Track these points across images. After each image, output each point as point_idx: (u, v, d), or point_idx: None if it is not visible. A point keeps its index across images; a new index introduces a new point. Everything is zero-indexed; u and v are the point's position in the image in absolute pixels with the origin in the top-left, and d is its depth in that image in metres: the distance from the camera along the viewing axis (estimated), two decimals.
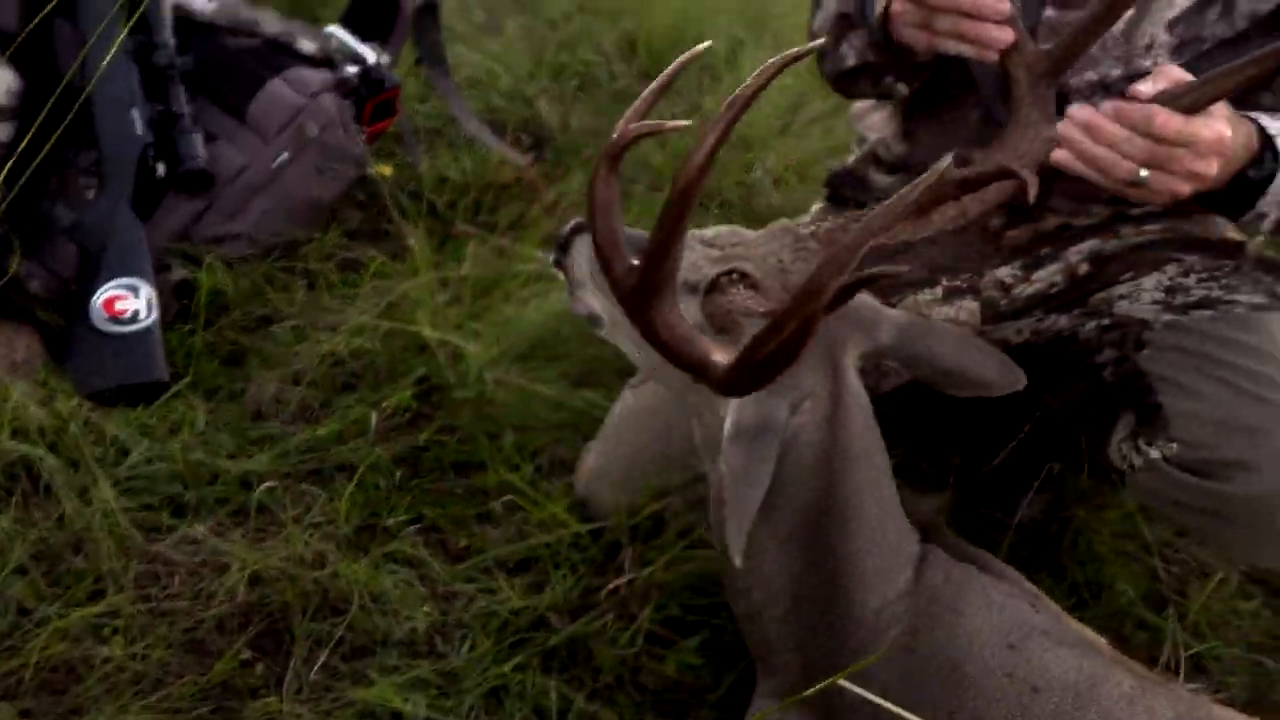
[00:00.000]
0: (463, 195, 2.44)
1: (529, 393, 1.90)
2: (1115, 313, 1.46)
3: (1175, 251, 1.45)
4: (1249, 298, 1.39)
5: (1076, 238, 1.50)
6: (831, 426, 1.21)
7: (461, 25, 3.04)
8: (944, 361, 1.27)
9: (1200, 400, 1.36)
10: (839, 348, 1.23)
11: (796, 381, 1.19)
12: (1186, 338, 1.39)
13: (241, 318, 2.06)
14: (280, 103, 2.17)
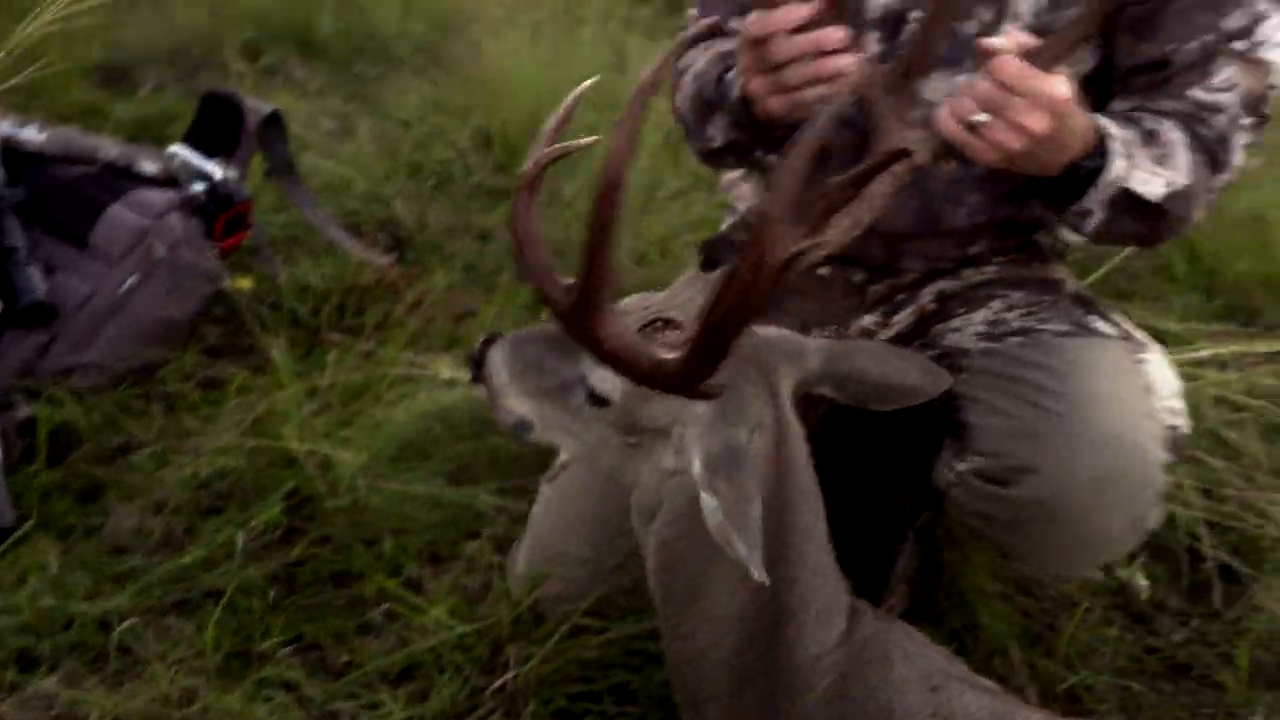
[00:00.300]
0: (325, 301, 2.40)
1: (403, 494, 1.86)
2: (944, 344, 1.53)
3: (1005, 289, 1.55)
4: (1057, 326, 1.47)
5: (928, 282, 1.61)
6: (779, 458, 1.21)
7: (312, 134, 3.05)
8: (871, 375, 1.30)
9: (998, 415, 1.41)
10: (776, 378, 1.24)
11: (745, 407, 1.18)
12: (997, 362, 1.46)
13: (96, 450, 1.98)
14: (123, 227, 2.13)
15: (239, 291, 2.32)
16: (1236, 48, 1.35)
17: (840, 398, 1.31)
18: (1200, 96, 1.37)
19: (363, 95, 3.35)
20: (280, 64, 3.41)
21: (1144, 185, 1.34)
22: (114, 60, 3.33)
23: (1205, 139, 1.38)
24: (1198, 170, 1.38)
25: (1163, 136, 1.37)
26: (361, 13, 3.62)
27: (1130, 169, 1.33)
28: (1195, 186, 1.38)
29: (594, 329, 1.09)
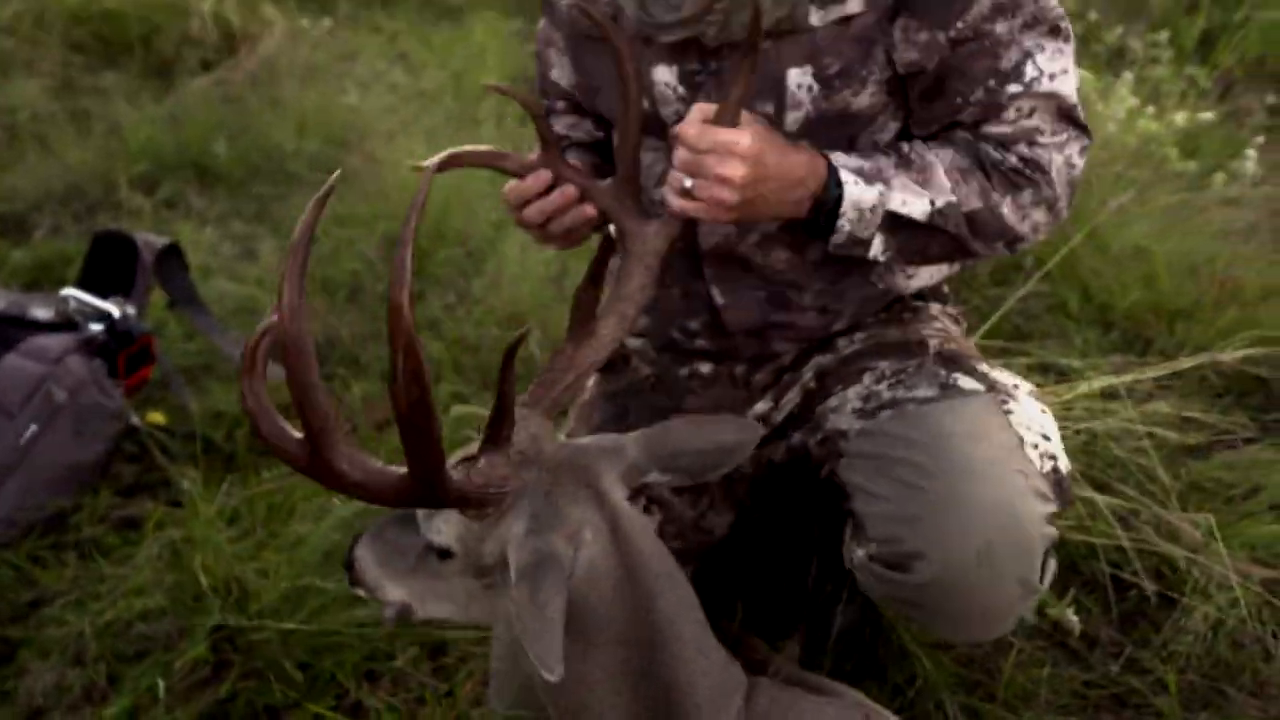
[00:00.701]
0: (238, 426, 2.37)
1: (325, 619, 1.82)
2: (826, 426, 1.55)
3: (872, 360, 1.57)
4: (924, 391, 1.48)
5: (808, 358, 1.64)
6: (619, 550, 1.21)
7: (215, 260, 3.03)
8: (692, 445, 1.32)
9: (880, 501, 1.42)
10: (592, 476, 1.25)
11: (557, 514, 1.20)
12: (872, 442, 1.47)
13: (6, 609, 1.91)
14: (18, 377, 2.09)
15: (150, 425, 2.28)
16: (1012, 90, 1.40)
17: (674, 478, 1.33)
18: (993, 131, 1.43)
19: (264, 216, 3.34)
20: (178, 194, 3.40)
21: (905, 206, 1.40)
22: (6, 210, 3.28)
23: (998, 161, 1.43)
24: (988, 189, 1.42)
25: (920, 159, 1.42)
26: (255, 135, 3.64)
27: (886, 192, 1.39)
28: (987, 204, 1.43)
29: (333, 469, 1.11)
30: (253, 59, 4.10)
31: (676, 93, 1.48)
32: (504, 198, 1.48)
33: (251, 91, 3.93)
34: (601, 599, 1.19)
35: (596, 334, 1.37)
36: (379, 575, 1.35)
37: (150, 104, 3.84)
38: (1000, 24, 1.38)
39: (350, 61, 4.30)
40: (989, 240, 1.46)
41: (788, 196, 1.36)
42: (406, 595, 1.35)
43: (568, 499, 1.21)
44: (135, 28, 4.08)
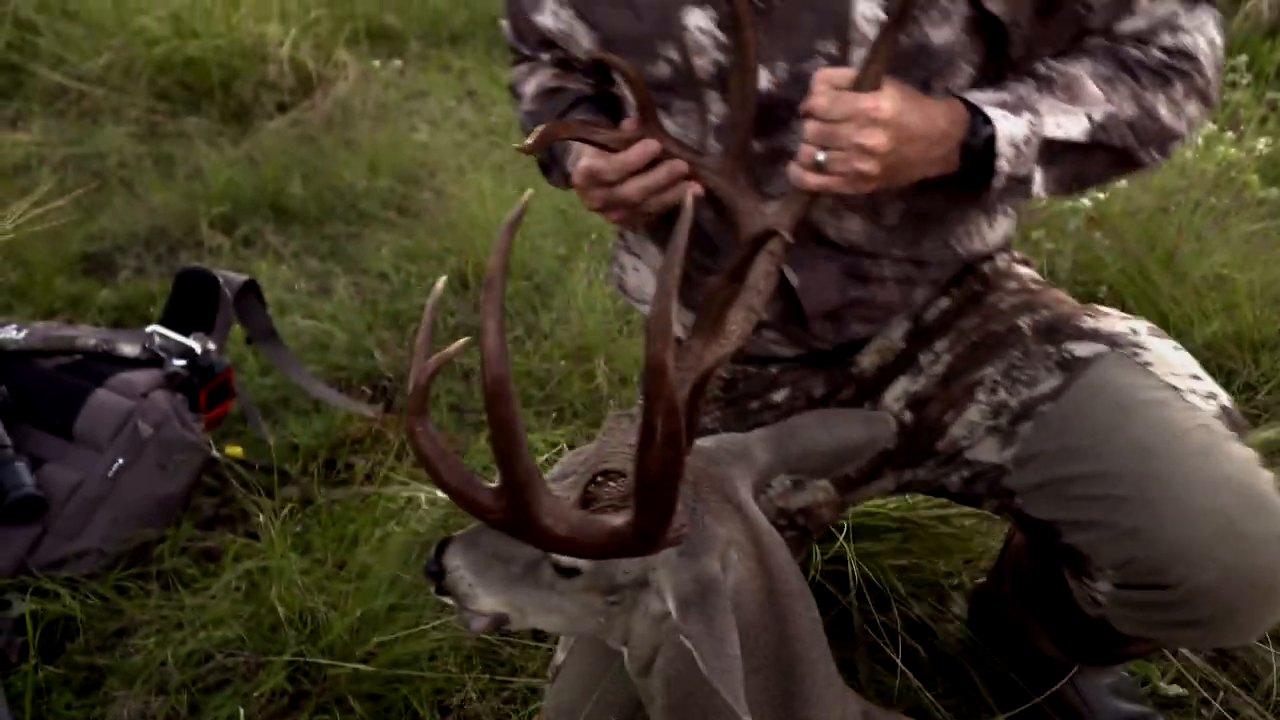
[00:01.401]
0: (313, 459, 2.41)
1: (398, 649, 1.84)
2: (968, 459, 1.43)
3: (973, 372, 1.44)
4: (1047, 383, 1.37)
5: (887, 379, 1.51)
6: (762, 570, 1.15)
7: (291, 297, 3.10)
8: (823, 443, 1.25)
9: (1090, 528, 1.30)
10: (731, 488, 1.18)
11: (709, 534, 1.12)
12: (1035, 468, 1.35)
13: (94, 638, 1.96)
14: (108, 410, 2.15)
15: (230, 459, 2.33)
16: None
17: (805, 476, 1.30)
18: (1127, 28, 1.32)
19: (337, 254, 3.41)
20: (255, 234, 3.49)
21: (1060, 130, 1.28)
22: (95, 250, 3.41)
23: (1141, 59, 1.32)
24: (1139, 92, 1.31)
25: (1061, 75, 1.30)
26: (329, 175, 3.73)
27: (1037, 119, 1.27)
28: (1141, 107, 1.31)
29: (536, 524, 1.03)
30: (327, 101, 4.21)
31: (714, 40, 1.34)
32: (588, 173, 1.34)
33: (326, 132, 4.03)
34: (745, 623, 1.10)
35: (724, 328, 1.26)
36: (474, 584, 1.26)
37: (230, 147, 3.96)
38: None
39: (421, 100, 4.40)
40: (1148, 145, 1.34)
41: (934, 153, 1.25)
42: (504, 606, 1.26)
43: (713, 516, 1.14)
44: (216, 74, 4.22)
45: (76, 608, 1.97)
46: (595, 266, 3.09)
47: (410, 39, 4.92)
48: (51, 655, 1.93)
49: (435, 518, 2.10)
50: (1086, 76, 1.30)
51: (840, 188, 1.25)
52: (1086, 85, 1.29)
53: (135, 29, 4.23)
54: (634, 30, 1.38)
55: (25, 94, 4.24)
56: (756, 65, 1.28)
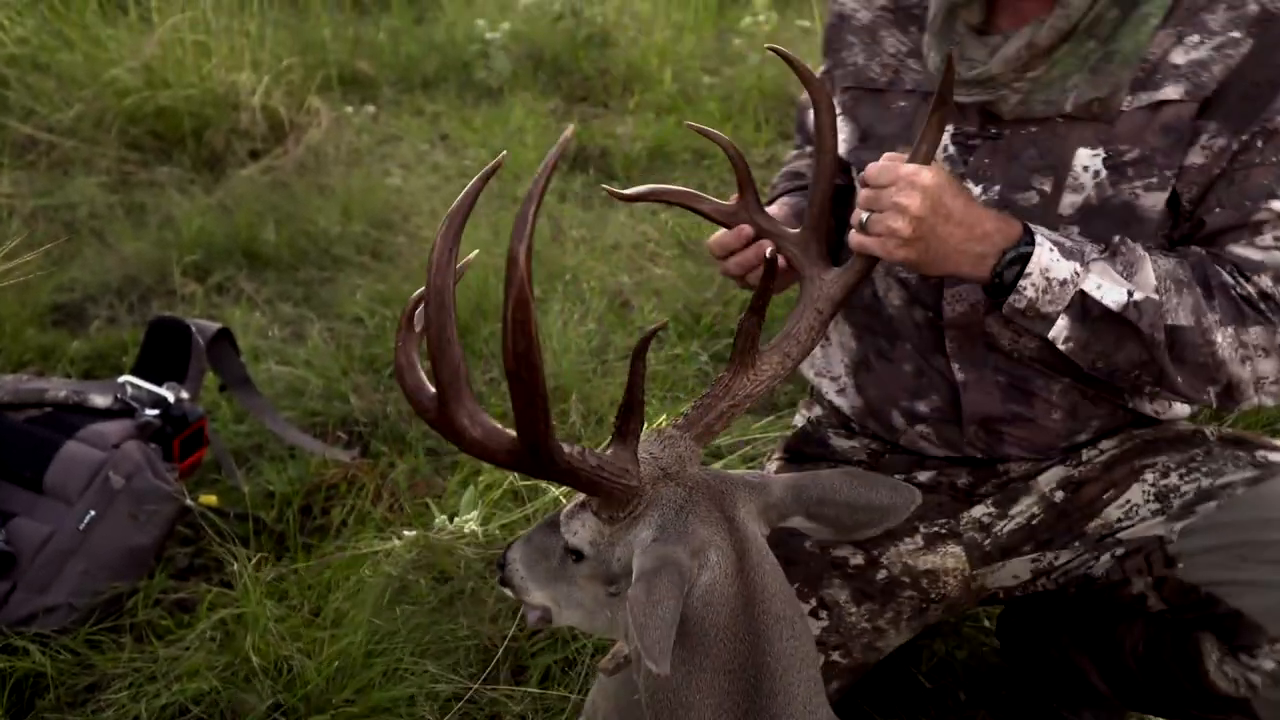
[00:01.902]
0: (288, 506, 2.40)
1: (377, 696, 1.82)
2: (1123, 538, 1.41)
3: (1143, 458, 1.44)
4: (1240, 474, 1.34)
5: (1041, 470, 1.52)
6: (742, 580, 1.20)
7: (265, 343, 3.09)
8: (841, 494, 1.28)
9: (1274, 589, 1.27)
10: (728, 503, 1.25)
11: (689, 529, 1.20)
12: (1212, 536, 1.32)
13: (65, 694, 1.94)
14: (78, 462, 2.14)
15: (204, 508, 2.31)
16: (1275, 207, 1.27)
17: (820, 528, 1.29)
18: (1238, 252, 1.30)
19: (311, 299, 3.41)
20: (229, 281, 3.49)
21: (1099, 291, 1.28)
22: (65, 300, 3.39)
23: (1230, 285, 1.29)
24: (1202, 308, 1.28)
25: (1130, 252, 1.30)
26: (302, 221, 3.73)
27: (1082, 271, 1.28)
28: (1198, 324, 1.29)
29: (455, 423, 1.12)
30: (299, 147, 4.22)
31: (945, 153, 1.42)
32: (709, 247, 1.48)
33: (299, 178, 4.05)
34: (716, 624, 1.19)
35: (756, 367, 1.34)
36: (526, 577, 1.38)
37: (202, 195, 3.96)
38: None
39: (394, 144, 4.42)
40: (1192, 370, 1.30)
41: (971, 248, 1.29)
42: (548, 599, 1.38)
43: (699, 518, 1.22)
44: (187, 123, 4.23)
45: (46, 663, 1.95)
46: (570, 307, 3.11)
47: (383, 85, 4.96)
48: (20, 714, 1.90)
49: (408, 560, 2.10)
50: (1151, 264, 1.29)
51: (876, 249, 1.31)
52: (1146, 268, 1.28)
53: (106, 80, 4.24)
54: (884, 130, 1.50)
55: None
56: (836, 148, 1.38)
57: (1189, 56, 1.28)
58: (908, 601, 1.50)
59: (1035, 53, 1.32)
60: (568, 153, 4.35)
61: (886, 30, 1.53)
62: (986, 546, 1.50)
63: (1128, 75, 1.29)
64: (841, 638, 1.47)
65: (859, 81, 1.56)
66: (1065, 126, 1.34)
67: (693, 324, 3.11)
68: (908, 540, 1.52)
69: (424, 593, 2.05)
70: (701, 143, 4.41)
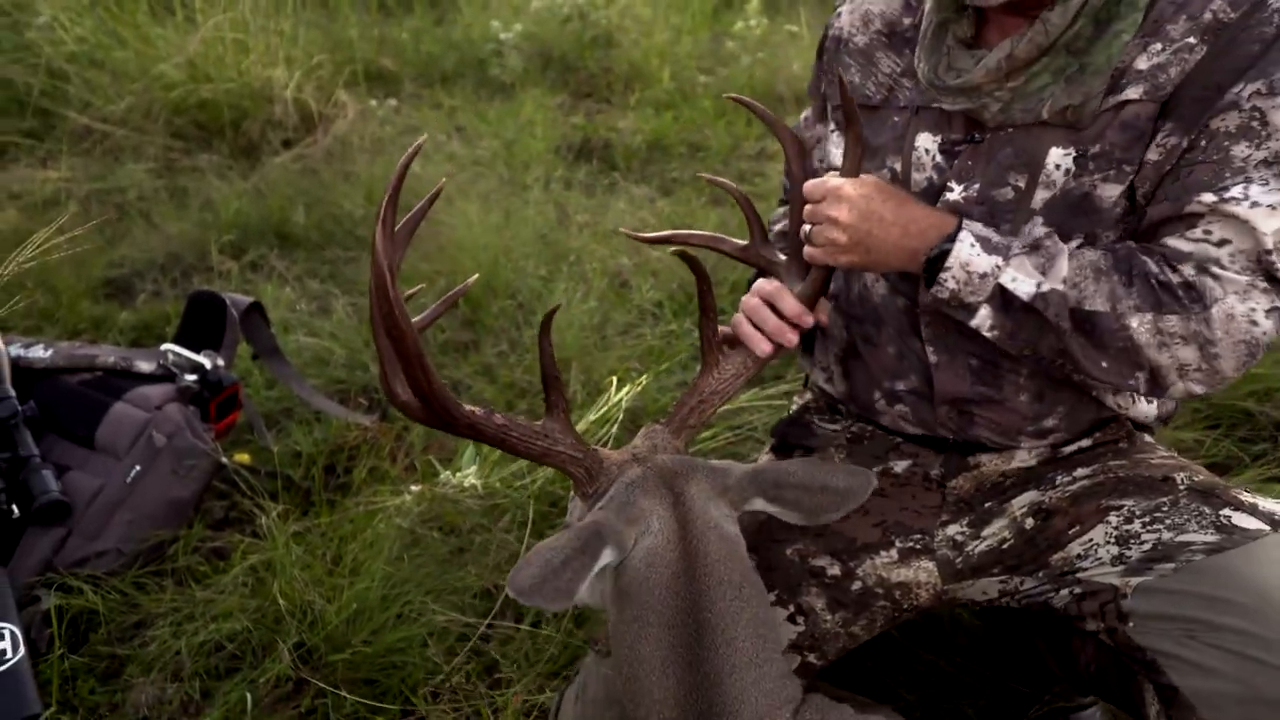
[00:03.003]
0: (313, 465, 2.43)
1: (390, 637, 1.85)
2: (1080, 578, 1.34)
3: (1110, 497, 1.37)
4: (1200, 536, 1.26)
5: (1016, 488, 1.47)
6: (682, 546, 1.22)
7: (294, 316, 3.11)
8: (797, 477, 1.28)
9: (1215, 677, 1.18)
10: (680, 482, 1.27)
11: (629, 501, 1.25)
12: (1165, 602, 1.24)
13: (115, 630, 1.97)
14: (125, 422, 2.16)
15: (237, 465, 2.34)
16: (1207, 200, 1.22)
17: (784, 511, 1.28)
18: (1169, 244, 1.25)
19: (337, 276, 3.42)
20: (262, 259, 3.50)
21: (1014, 284, 1.27)
22: (115, 275, 3.41)
23: (1154, 273, 1.24)
24: (1120, 295, 1.25)
25: (1052, 246, 1.29)
26: (329, 205, 3.73)
27: (1002, 265, 1.27)
28: (1113, 309, 1.25)
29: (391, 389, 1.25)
30: (328, 137, 4.22)
31: (933, 160, 1.42)
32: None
33: (326, 165, 4.04)
34: (658, 583, 1.21)
35: (720, 365, 1.42)
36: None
37: (239, 180, 3.96)
38: (1241, 145, 1.21)
39: (413, 135, 4.41)
40: (1114, 356, 1.26)
41: (906, 244, 1.31)
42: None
43: (644, 492, 1.26)
44: (227, 114, 4.22)
45: (99, 602, 1.98)
46: (573, 287, 3.12)
47: (405, 80, 4.94)
48: (76, 645, 1.94)
49: (417, 513, 2.12)
50: (1067, 257, 1.27)
51: (822, 258, 1.38)
52: (1061, 264, 1.27)
53: (155, 75, 4.23)
54: (875, 141, 1.50)
55: (55, 135, 4.23)
56: (806, 178, 1.42)
57: (1150, 62, 1.27)
58: (880, 611, 1.48)
59: (1014, 65, 1.31)
60: (573, 144, 4.34)
61: (882, 53, 1.53)
62: (958, 564, 1.46)
63: (1099, 84, 1.28)
64: (816, 641, 1.46)
65: (856, 101, 1.53)
66: (1039, 130, 1.33)
67: (686, 302, 3.12)
68: (883, 554, 1.49)
69: (435, 544, 2.08)
70: (696, 136, 4.39)
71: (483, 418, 1.26)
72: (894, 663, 1.86)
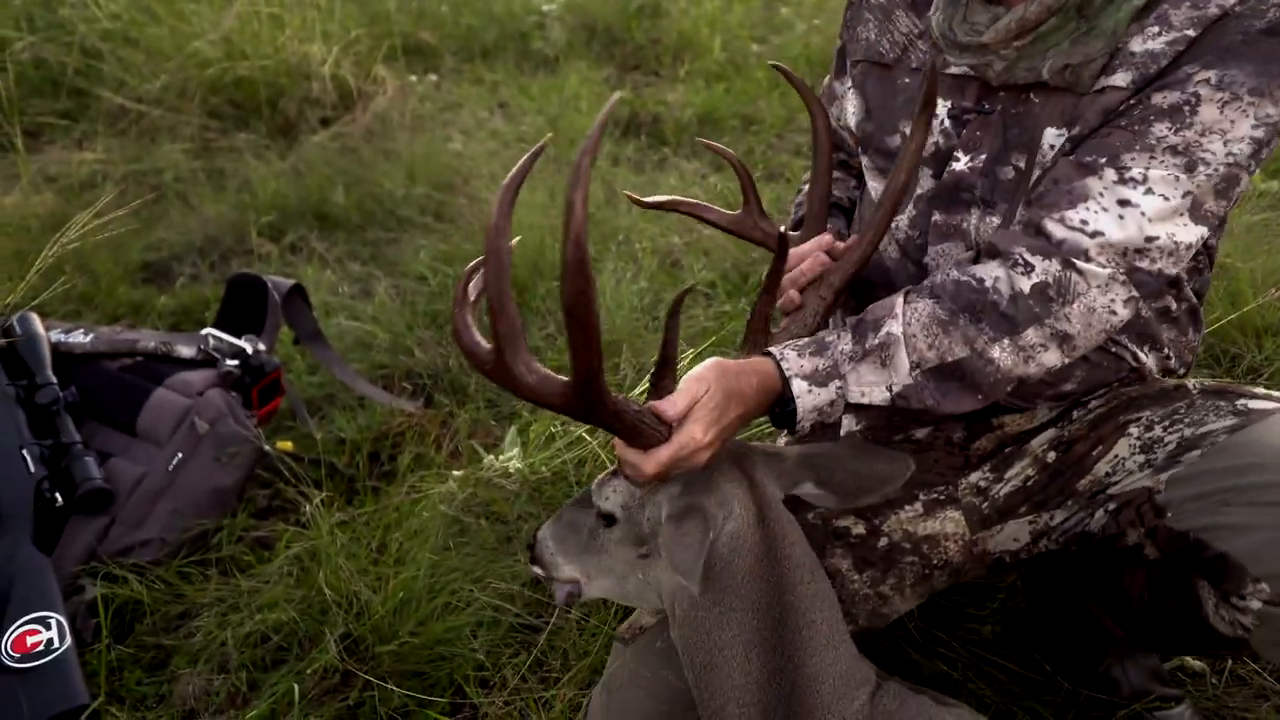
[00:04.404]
0: (358, 452, 2.45)
1: (438, 628, 1.86)
2: (1112, 494, 1.41)
3: (1128, 413, 1.44)
4: (1220, 423, 1.34)
5: (1036, 432, 1.52)
6: (763, 529, 1.26)
7: (336, 299, 3.14)
8: (846, 462, 1.34)
9: (1255, 531, 1.24)
10: (749, 465, 1.30)
11: (713, 482, 1.27)
12: (1197, 483, 1.31)
13: (160, 621, 2.00)
14: (167, 408, 2.19)
15: (280, 453, 2.37)
16: (1106, 177, 1.26)
17: (827, 494, 1.33)
18: (1048, 225, 1.29)
19: (378, 258, 3.45)
20: (301, 241, 3.53)
21: (864, 397, 1.33)
22: (154, 259, 3.47)
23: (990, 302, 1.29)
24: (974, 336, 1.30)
25: (883, 338, 1.33)
26: (369, 184, 3.76)
27: (843, 386, 1.32)
28: (973, 350, 1.30)
29: (511, 371, 1.15)
30: (367, 114, 4.24)
31: (941, 125, 1.46)
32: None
33: (366, 144, 4.07)
34: (742, 567, 1.25)
35: (768, 342, 1.41)
36: (555, 552, 1.42)
37: (277, 160, 4.01)
38: (1163, 125, 1.25)
39: (455, 112, 4.42)
40: (980, 389, 1.33)
41: (753, 418, 1.34)
42: (577, 572, 1.41)
43: (722, 475, 1.28)
44: (263, 92, 4.27)
45: (143, 592, 2.01)
46: (623, 266, 3.11)
47: (445, 55, 4.95)
48: (122, 636, 1.98)
49: (461, 500, 2.13)
50: (904, 342, 1.31)
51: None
52: (901, 355, 1.32)
53: (189, 53, 4.28)
54: (889, 104, 1.54)
55: (90, 116, 4.31)
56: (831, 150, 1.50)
57: (1145, 46, 1.28)
58: (909, 567, 1.52)
59: (1024, 25, 1.33)
60: (620, 119, 4.32)
61: (901, 11, 1.56)
62: (985, 510, 1.51)
63: (1101, 48, 1.29)
64: (845, 605, 1.48)
65: (869, 55, 1.59)
66: (1040, 103, 1.36)
67: (740, 282, 3.10)
68: (907, 508, 1.53)
69: (482, 532, 2.09)
70: (749, 109, 4.35)
71: (624, 403, 1.20)
72: (968, 662, 1.84)
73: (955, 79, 1.44)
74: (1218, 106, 1.23)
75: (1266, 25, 1.22)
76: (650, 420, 1.22)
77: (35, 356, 2.13)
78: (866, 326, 1.36)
